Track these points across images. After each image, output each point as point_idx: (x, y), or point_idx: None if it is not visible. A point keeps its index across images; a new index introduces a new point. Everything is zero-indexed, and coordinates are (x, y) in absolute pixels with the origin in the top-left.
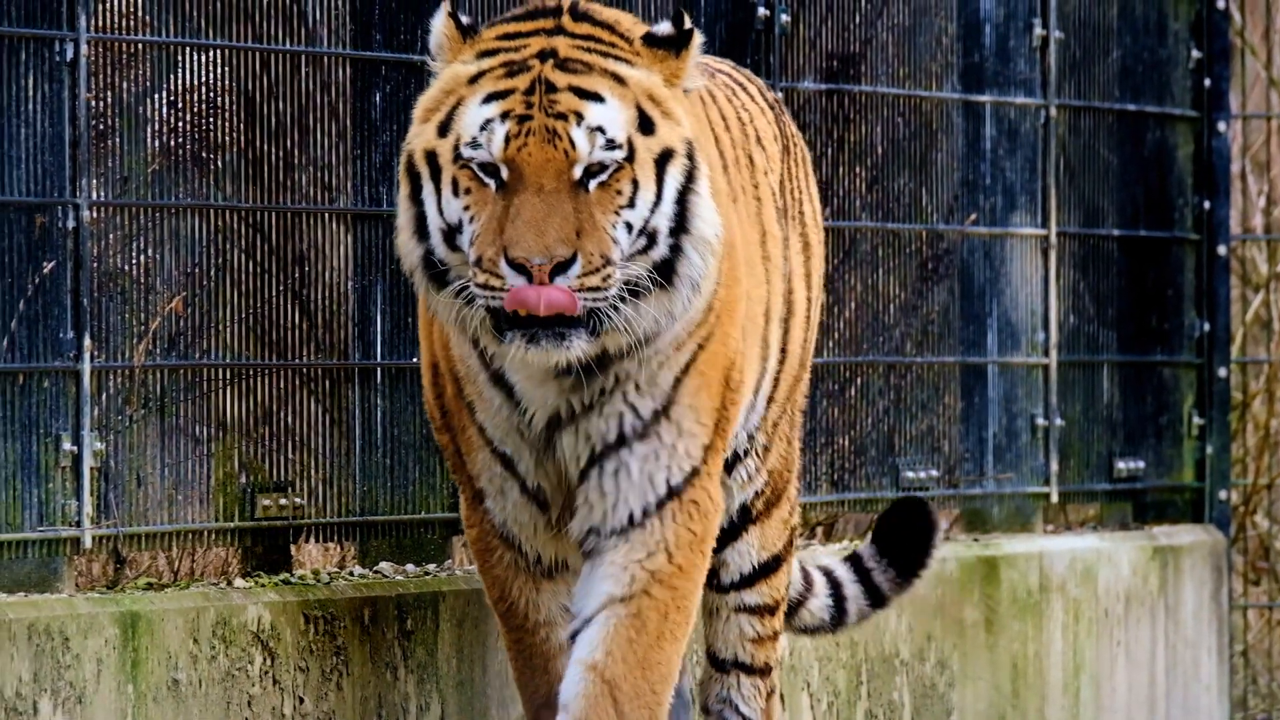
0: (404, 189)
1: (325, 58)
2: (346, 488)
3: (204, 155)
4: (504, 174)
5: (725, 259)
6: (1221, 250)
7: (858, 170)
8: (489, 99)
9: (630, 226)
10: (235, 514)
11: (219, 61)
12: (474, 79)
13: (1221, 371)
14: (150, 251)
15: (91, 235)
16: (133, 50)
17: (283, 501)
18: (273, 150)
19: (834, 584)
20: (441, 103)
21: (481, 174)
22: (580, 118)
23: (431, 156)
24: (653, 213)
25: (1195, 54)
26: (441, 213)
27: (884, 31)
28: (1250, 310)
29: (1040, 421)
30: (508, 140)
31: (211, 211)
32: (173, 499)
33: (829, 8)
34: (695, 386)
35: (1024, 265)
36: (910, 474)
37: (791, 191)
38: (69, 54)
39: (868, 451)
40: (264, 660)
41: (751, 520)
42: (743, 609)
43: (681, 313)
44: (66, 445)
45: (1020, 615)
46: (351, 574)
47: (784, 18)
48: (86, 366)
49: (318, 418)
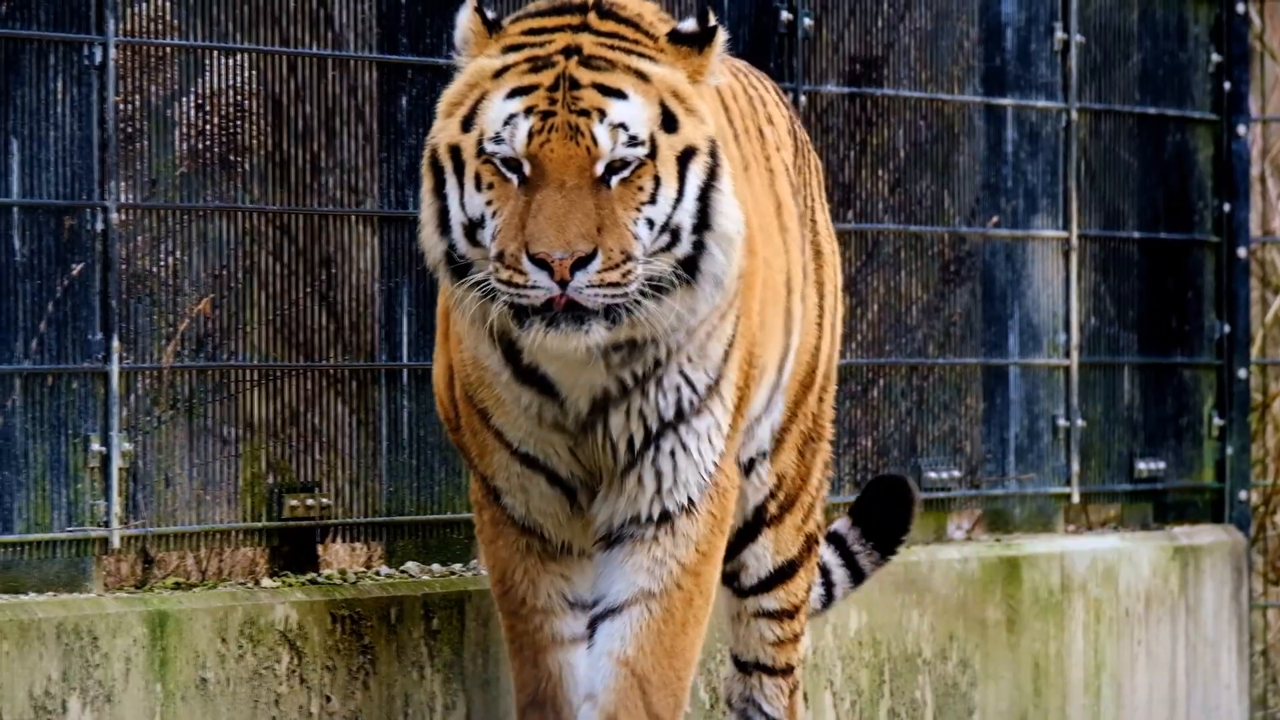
0: (427, 183)
1: (352, 61)
2: (373, 488)
3: (231, 158)
4: (526, 169)
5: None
6: (1241, 252)
7: (880, 173)
8: (513, 94)
9: (652, 223)
10: (263, 514)
11: (246, 65)
12: (498, 73)
13: (1241, 373)
14: (178, 253)
15: (120, 237)
16: (161, 54)
17: (310, 502)
18: (300, 153)
19: (824, 571)
20: (465, 97)
21: (504, 169)
22: (603, 114)
23: (455, 151)
24: (675, 209)
25: (1215, 58)
26: (464, 207)
27: (906, 35)
28: (1270, 312)
29: (1061, 422)
30: (531, 136)
31: (239, 214)
32: (201, 499)
33: (852, 11)
34: (735, 361)
35: (1045, 267)
36: (932, 474)
37: (805, 198)
38: (98, 57)
39: (890, 452)
40: (291, 659)
41: (766, 524)
42: (761, 614)
43: (705, 308)
44: (95, 446)
45: (1042, 615)
46: (378, 574)
47: (807, 21)
48: (115, 368)
49: (345, 418)
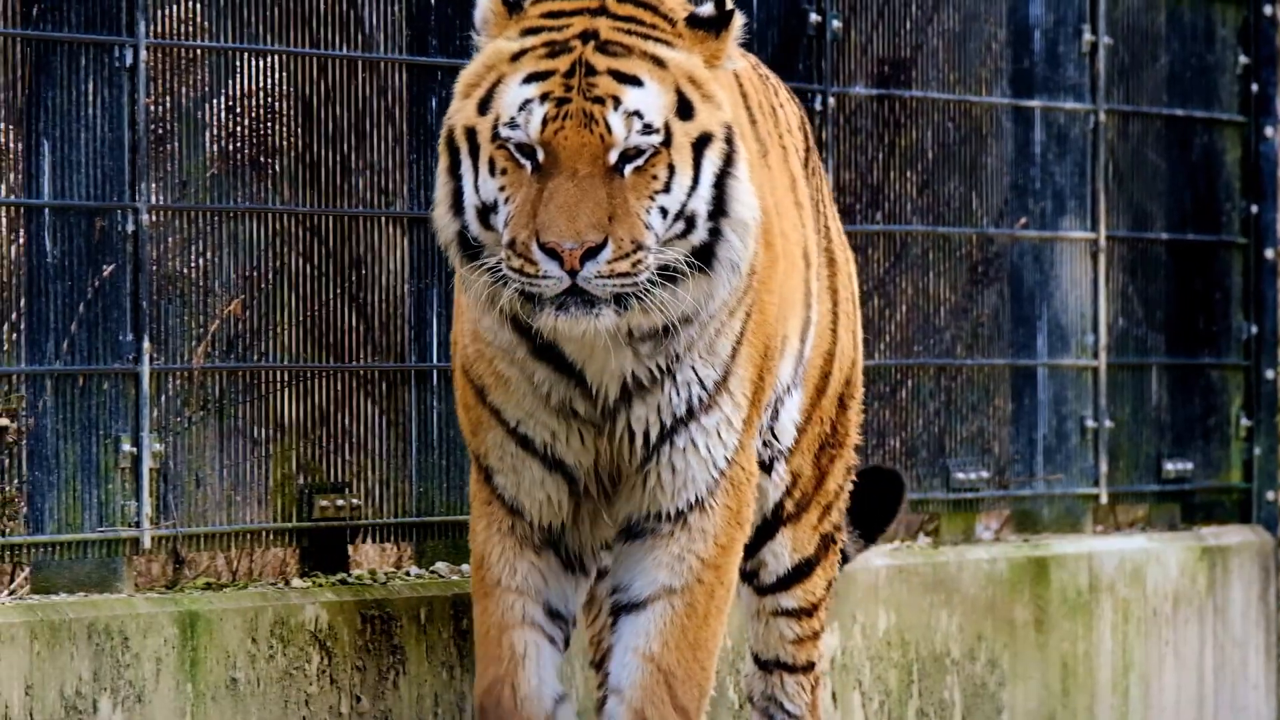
0: (443, 162)
1: (382, 63)
2: (403, 489)
3: (262, 160)
4: (540, 156)
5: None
6: (1269, 254)
7: (908, 174)
8: (529, 79)
9: (665, 211)
10: (293, 515)
11: (276, 67)
12: (516, 56)
13: (1269, 373)
14: (209, 255)
15: (150, 239)
16: (191, 56)
17: (340, 502)
18: (330, 155)
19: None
20: (483, 78)
21: (518, 155)
22: (618, 102)
23: (471, 133)
24: (690, 197)
25: (1243, 60)
26: (478, 191)
27: (934, 37)
28: None
29: (1089, 423)
30: (545, 123)
31: (269, 215)
32: (231, 500)
33: (880, 14)
34: (745, 357)
35: (1073, 269)
36: (960, 475)
37: (818, 203)
38: (129, 59)
39: (919, 453)
40: (321, 659)
41: (783, 521)
42: (780, 612)
43: (721, 295)
44: (126, 446)
45: (1070, 615)
46: (408, 574)
47: (835, 23)
48: (146, 368)
49: (375, 419)
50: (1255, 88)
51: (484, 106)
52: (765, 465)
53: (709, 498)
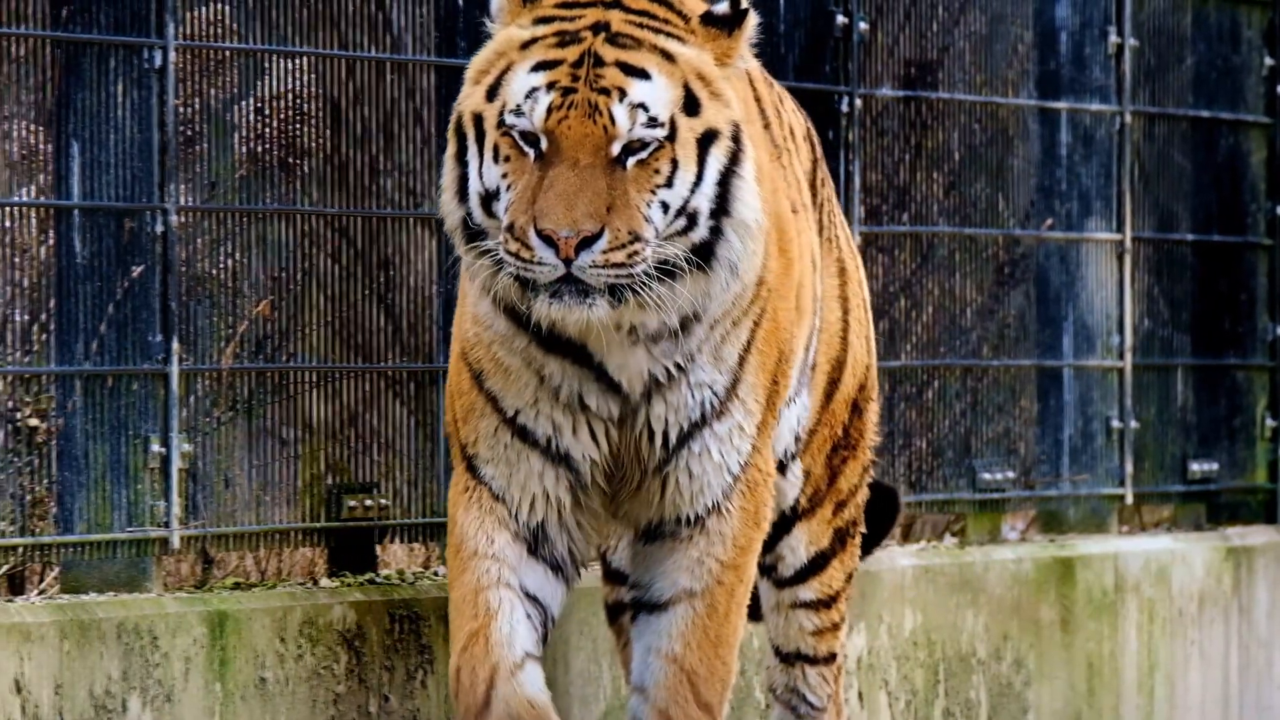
0: (450, 148)
1: (410, 65)
2: (431, 489)
3: (290, 161)
4: (543, 144)
5: (772, 231)
6: None
7: (935, 176)
8: (537, 68)
9: (666, 206)
10: (321, 515)
11: (305, 68)
12: (526, 45)
13: None
14: (237, 256)
15: (179, 240)
16: (220, 57)
17: (368, 502)
18: (358, 156)
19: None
20: (493, 65)
21: (522, 142)
22: (623, 94)
23: (478, 119)
24: (692, 193)
25: (1268, 61)
26: (481, 177)
27: (961, 39)
28: None
29: (1115, 424)
30: (550, 111)
31: (298, 216)
32: (260, 500)
33: (907, 15)
34: (755, 364)
35: (1099, 270)
36: (987, 475)
37: (828, 212)
38: (158, 61)
39: (945, 453)
40: (350, 659)
41: (798, 518)
42: (799, 604)
43: (719, 295)
44: (155, 447)
45: (1096, 615)
46: (436, 574)
47: (862, 25)
48: (174, 369)
49: (403, 420)
50: None
51: (492, 93)
52: (780, 465)
53: (725, 501)
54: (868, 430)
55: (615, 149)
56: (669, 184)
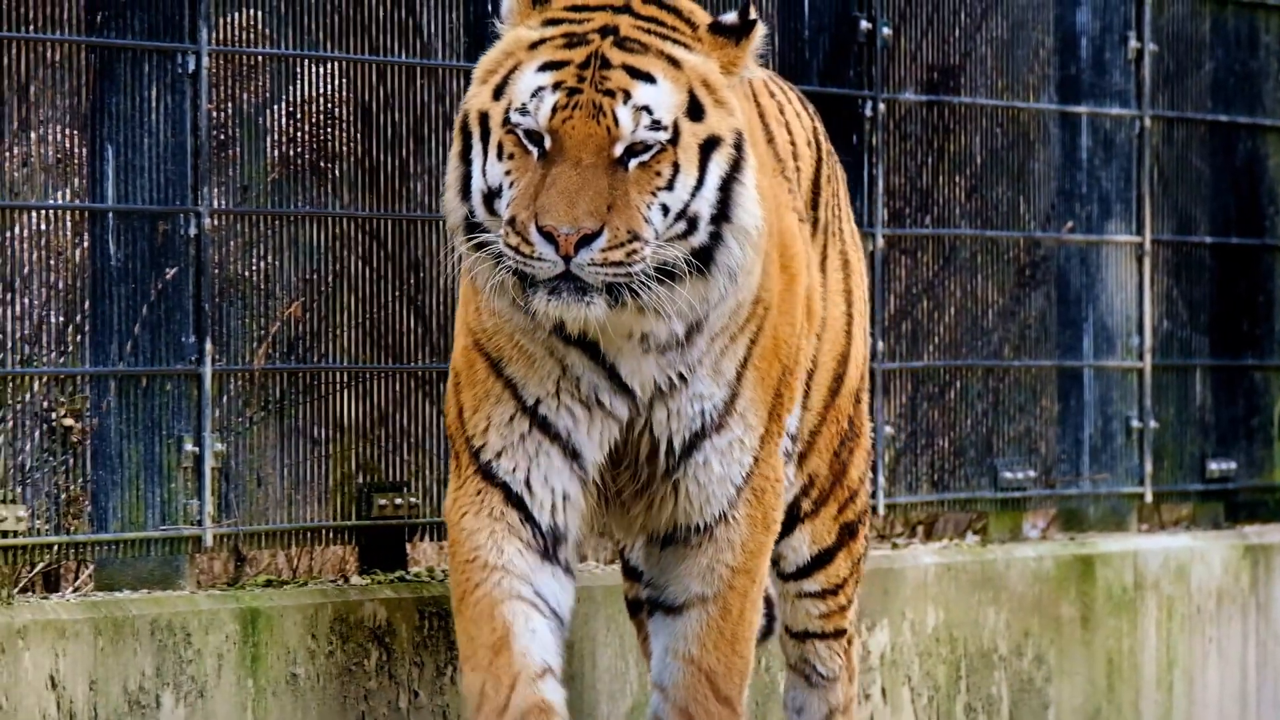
0: (456, 147)
1: (440, 69)
2: None
3: (322, 164)
4: (547, 143)
5: (773, 252)
6: None
7: (957, 179)
8: (544, 68)
9: (667, 209)
10: (352, 513)
11: (337, 73)
12: (534, 45)
13: None
14: (269, 258)
15: (212, 242)
16: (253, 62)
17: (398, 501)
18: (389, 159)
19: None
20: (500, 65)
21: (526, 141)
22: (628, 96)
23: (484, 118)
24: (693, 197)
25: None
26: (485, 175)
27: (983, 44)
28: None
29: (1135, 424)
30: (554, 111)
31: (329, 219)
32: (291, 498)
33: (929, 21)
34: (754, 379)
35: (1119, 271)
36: (1008, 474)
37: (833, 208)
38: (191, 66)
39: (967, 452)
40: (380, 655)
41: (801, 519)
42: (805, 595)
43: (718, 300)
44: (188, 446)
45: (1115, 612)
46: None
47: (886, 31)
48: (208, 370)
49: (433, 420)
50: None
51: (499, 92)
52: None
53: (731, 510)
54: (865, 421)
55: (618, 150)
56: (670, 187)
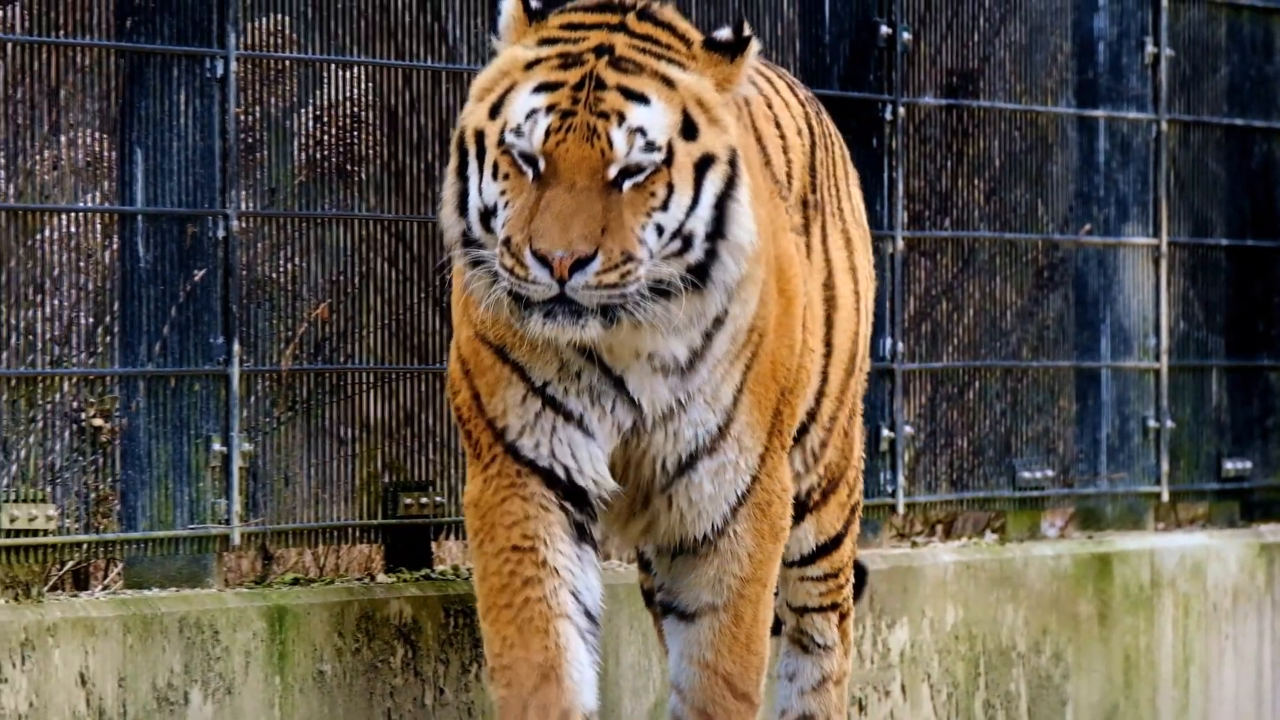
0: (452, 162)
1: (465, 74)
2: None
3: (348, 167)
4: (541, 165)
5: (770, 279)
6: None
7: (976, 182)
8: (539, 89)
9: (661, 229)
10: (378, 512)
11: (363, 78)
12: (530, 65)
13: None
14: (297, 260)
15: (240, 244)
16: (280, 67)
17: (424, 500)
18: (414, 163)
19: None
20: (497, 83)
21: (521, 162)
22: (622, 118)
23: (480, 136)
24: (688, 216)
25: None
26: (481, 193)
27: (1002, 49)
28: None
29: (1151, 423)
30: (548, 134)
31: (355, 222)
32: (318, 498)
33: (949, 26)
34: (750, 403)
35: (1136, 273)
36: (1026, 474)
37: (828, 187)
38: (219, 70)
39: (985, 452)
40: (406, 653)
41: (809, 510)
42: (806, 579)
43: (714, 314)
44: (216, 446)
45: (1132, 610)
46: None
47: (905, 36)
48: (235, 370)
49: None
50: None
51: (495, 111)
52: None
53: (731, 525)
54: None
55: (612, 172)
56: (664, 207)
